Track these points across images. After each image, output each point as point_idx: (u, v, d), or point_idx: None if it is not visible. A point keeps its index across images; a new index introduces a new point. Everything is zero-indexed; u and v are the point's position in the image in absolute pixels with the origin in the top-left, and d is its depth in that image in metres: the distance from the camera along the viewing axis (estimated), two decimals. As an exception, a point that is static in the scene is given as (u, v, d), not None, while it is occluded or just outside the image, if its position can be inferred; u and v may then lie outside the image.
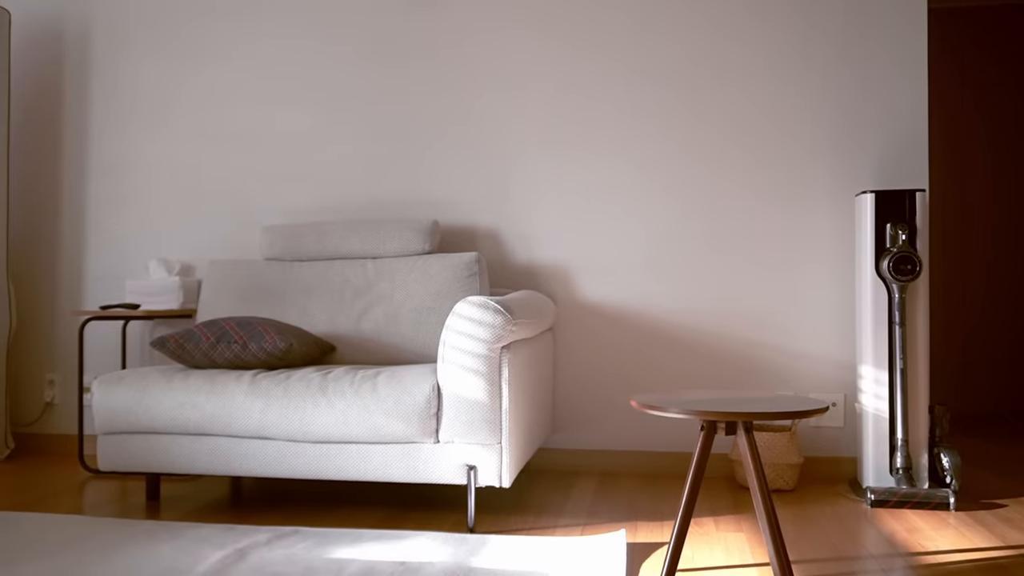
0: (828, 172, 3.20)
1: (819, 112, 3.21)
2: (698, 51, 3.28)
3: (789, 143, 3.23)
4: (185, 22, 3.67)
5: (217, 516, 2.66)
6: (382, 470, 2.51)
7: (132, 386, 2.66)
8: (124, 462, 2.69)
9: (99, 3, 3.74)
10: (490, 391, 2.43)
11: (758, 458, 1.90)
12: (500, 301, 2.47)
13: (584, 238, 3.35)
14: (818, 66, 3.21)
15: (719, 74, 3.27)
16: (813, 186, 3.21)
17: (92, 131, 3.74)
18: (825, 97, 3.21)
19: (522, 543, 2.31)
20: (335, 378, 2.55)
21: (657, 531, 2.47)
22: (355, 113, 3.52)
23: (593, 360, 3.34)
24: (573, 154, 3.36)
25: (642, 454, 3.29)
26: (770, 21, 3.24)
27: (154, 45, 3.69)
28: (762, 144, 3.24)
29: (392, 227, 3.20)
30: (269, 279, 3.21)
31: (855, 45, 3.19)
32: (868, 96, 3.18)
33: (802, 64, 3.22)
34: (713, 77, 3.27)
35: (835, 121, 3.20)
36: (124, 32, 3.72)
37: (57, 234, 3.76)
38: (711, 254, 3.27)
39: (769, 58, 3.24)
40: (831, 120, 3.20)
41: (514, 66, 3.41)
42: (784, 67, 3.23)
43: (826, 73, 3.21)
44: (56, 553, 2.20)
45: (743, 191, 3.25)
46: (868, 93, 3.18)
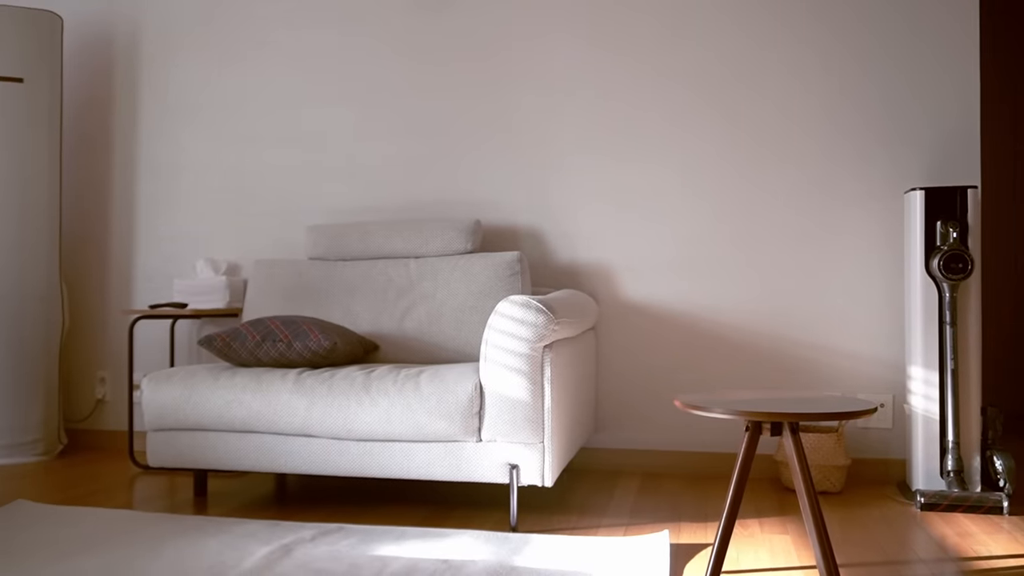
0: (876, 169, 3.15)
1: (867, 108, 3.15)
2: (740, 49, 3.25)
3: (835, 139, 3.18)
4: (231, 25, 3.72)
5: (263, 512, 2.70)
6: (425, 468, 2.52)
7: (180, 384, 2.71)
8: (172, 458, 2.74)
9: (147, 8, 3.81)
10: (532, 390, 2.43)
11: (804, 459, 1.87)
12: (542, 300, 2.47)
13: (627, 237, 3.33)
14: (865, 60, 3.15)
15: (762, 71, 3.23)
16: (861, 183, 3.16)
17: (141, 133, 3.81)
18: (873, 92, 3.15)
19: (565, 543, 2.30)
20: (378, 377, 2.57)
21: (701, 532, 2.45)
22: (398, 113, 3.54)
23: (636, 359, 3.32)
24: (616, 153, 3.34)
25: (686, 454, 3.26)
26: (815, 14, 3.19)
27: (201, 48, 3.75)
28: (808, 141, 3.20)
29: (434, 227, 3.21)
30: (313, 278, 3.25)
31: (904, 37, 3.13)
32: (917, 90, 3.12)
33: (849, 58, 3.17)
34: (756, 74, 3.24)
35: (883, 117, 3.14)
36: (172, 36, 3.78)
37: (107, 235, 3.84)
38: (756, 253, 3.23)
39: (815, 53, 3.19)
40: (879, 116, 3.14)
41: (556, 67, 3.40)
42: (830, 62, 3.18)
43: (874, 67, 3.15)
44: (107, 547, 2.25)
45: (789, 189, 3.21)
46: (917, 87, 3.11)
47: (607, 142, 3.35)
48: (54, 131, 3.59)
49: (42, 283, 3.54)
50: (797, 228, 3.20)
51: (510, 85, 3.44)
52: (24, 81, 3.51)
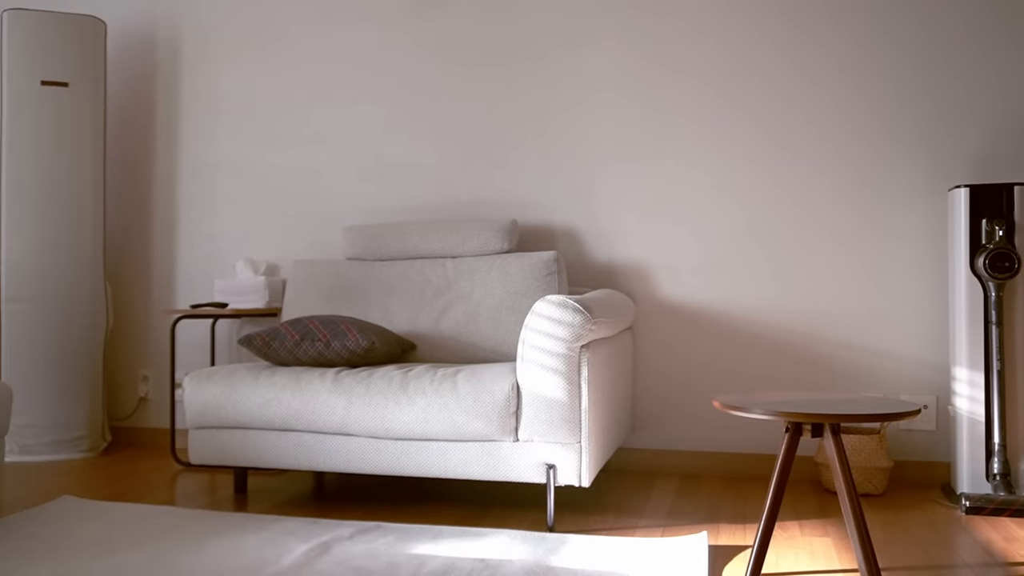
0: (919, 166, 3.09)
1: (910, 103, 3.10)
2: (779, 44, 3.21)
3: (877, 136, 3.13)
4: (269, 28, 3.76)
5: (302, 510, 2.72)
6: (462, 468, 2.53)
7: (221, 382, 2.75)
8: (213, 456, 2.78)
9: (188, 13, 3.87)
10: (569, 390, 2.43)
11: (846, 461, 1.85)
12: (579, 300, 2.46)
13: (664, 236, 3.31)
14: (908, 55, 3.10)
15: (801, 66, 3.19)
16: (903, 180, 3.11)
17: (182, 136, 3.87)
18: (916, 87, 3.10)
19: (602, 543, 2.30)
20: (416, 376, 2.58)
21: (740, 534, 2.43)
22: (436, 114, 3.55)
23: (673, 359, 3.30)
24: (653, 152, 3.33)
25: (724, 455, 3.23)
26: (860, 7, 3.14)
27: (240, 51, 3.80)
28: (847, 137, 3.15)
29: (471, 226, 3.22)
30: (351, 278, 3.27)
31: (947, 30, 3.07)
32: (962, 85, 3.06)
33: (891, 53, 3.12)
34: (795, 69, 3.20)
35: (927, 112, 3.09)
36: (212, 40, 3.83)
37: (150, 236, 3.91)
38: (796, 252, 3.19)
39: (855, 46, 3.14)
40: (923, 111, 3.09)
41: (592, 66, 3.39)
42: (871, 56, 3.13)
43: (916, 62, 3.10)
44: (150, 542, 2.28)
45: (828, 186, 3.17)
46: (962, 82, 3.06)
47: (644, 141, 3.33)
48: (98, 134, 3.66)
49: (87, 284, 3.60)
50: (838, 226, 3.16)
51: (546, 85, 3.43)
52: (69, 85, 3.58)
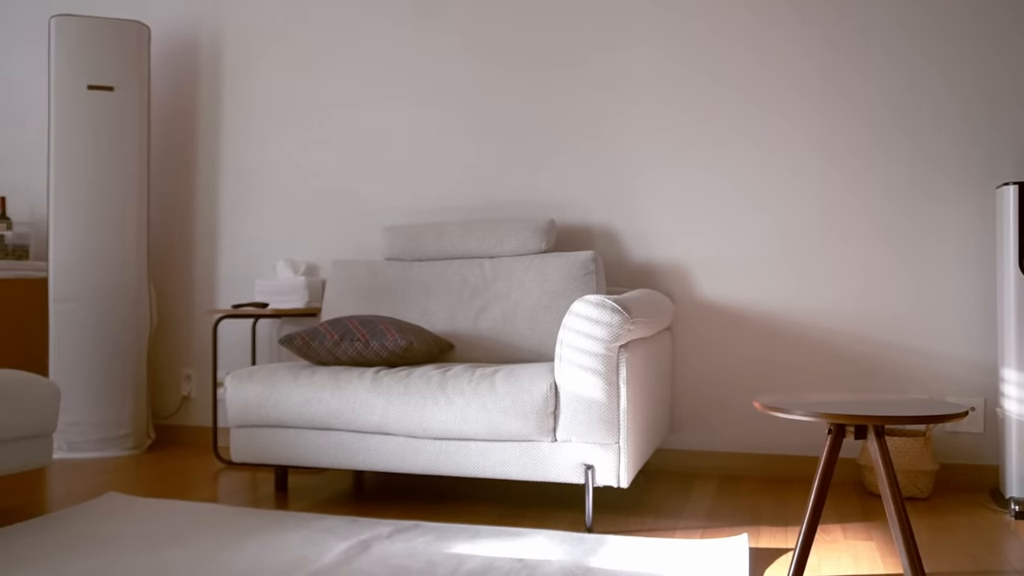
0: (965, 162, 3.03)
1: (958, 99, 3.04)
2: (821, 39, 3.16)
3: (922, 132, 3.07)
4: (308, 31, 3.80)
5: (341, 508, 2.75)
6: (500, 468, 2.53)
7: (262, 382, 2.78)
8: (254, 454, 2.81)
9: (230, 17, 3.92)
10: (608, 390, 2.42)
11: (890, 464, 1.81)
12: (618, 300, 2.45)
13: (703, 236, 3.28)
14: (956, 50, 3.04)
15: (841, 61, 3.14)
16: (949, 177, 3.05)
17: (224, 138, 3.92)
18: (963, 83, 3.03)
19: (641, 544, 2.28)
20: (454, 376, 2.58)
21: (781, 537, 2.40)
22: (473, 115, 3.56)
23: (713, 360, 3.27)
24: (691, 150, 3.30)
25: (764, 457, 3.20)
26: (908, 1, 3.09)
27: (280, 55, 3.84)
28: (892, 134, 3.10)
29: (509, 226, 3.22)
30: (390, 278, 3.29)
31: (996, 24, 3.00)
32: (1010, 80, 2.99)
33: (939, 47, 3.06)
34: (835, 64, 3.15)
35: (974, 108, 3.02)
36: (253, 43, 3.88)
37: (192, 238, 3.96)
38: (838, 251, 3.14)
39: (901, 39, 3.09)
40: (970, 107, 3.03)
41: (629, 64, 3.37)
42: (917, 50, 3.07)
43: (964, 57, 3.03)
44: (193, 539, 2.31)
45: (872, 185, 3.11)
46: (1010, 77, 2.99)
47: (684, 140, 3.31)
48: (142, 137, 3.72)
49: (132, 285, 3.67)
50: (881, 224, 3.10)
51: (585, 85, 3.42)
52: (115, 90, 3.64)
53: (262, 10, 3.87)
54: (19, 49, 4.24)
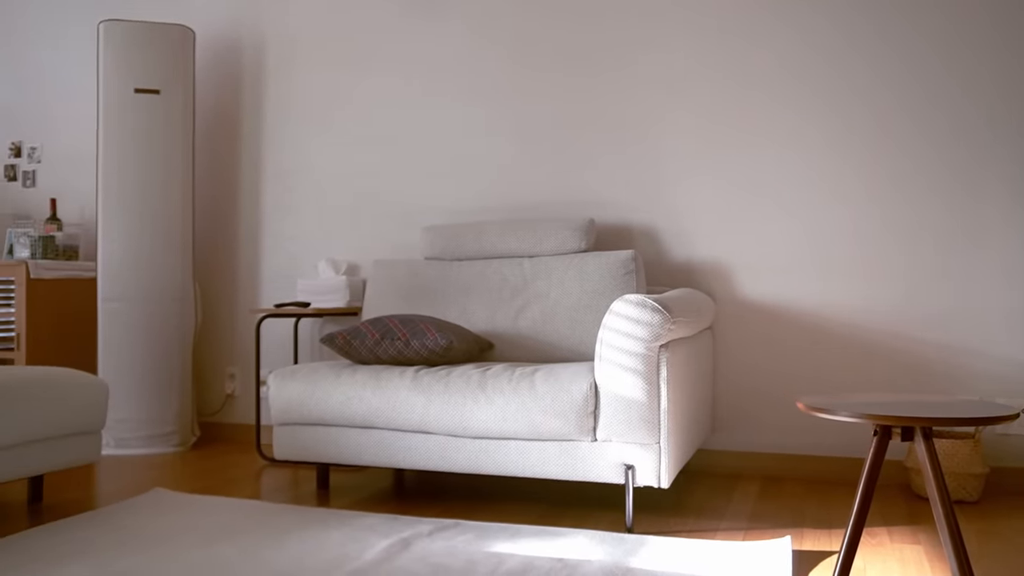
0: (1012, 160, 2.96)
1: (1004, 96, 2.97)
2: (865, 32, 3.11)
3: (973, 133, 3.00)
4: (348, 33, 3.83)
5: (382, 506, 2.76)
6: (540, 467, 2.53)
7: (304, 380, 2.81)
8: (297, 452, 2.84)
9: (272, 20, 3.96)
10: (648, 390, 2.40)
11: (939, 467, 1.78)
12: (658, 299, 2.44)
13: (745, 234, 3.25)
14: (1006, 44, 2.97)
15: (894, 57, 3.08)
16: (999, 178, 2.98)
17: (266, 139, 3.97)
18: (1013, 79, 2.96)
19: (682, 545, 2.27)
20: (494, 375, 2.59)
21: (825, 539, 2.36)
22: (512, 114, 3.56)
23: (755, 360, 3.23)
24: (732, 147, 3.27)
25: (808, 458, 3.15)
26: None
27: (321, 57, 3.87)
28: (941, 135, 3.03)
29: (548, 226, 3.22)
30: (430, 278, 3.30)
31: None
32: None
33: (989, 42, 2.99)
34: (882, 59, 3.09)
35: (1021, 105, 2.95)
36: (295, 46, 3.92)
37: (236, 238, 4.02)
38: (883, 249, 3.09)
39: (951, 34, 3.03)
40: (1017, 104, 2.95)
41: (668, 61, 3.35)
42: (966, 45, 3.01)
43: (1015, 52, 2.96)
44: (238, 535, 2.35)
45: (919, 184, 3.05)
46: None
47: (722, 137, 3.27)
48: (187, 140, 3.78)
49: (177, 284, 3.73)
50: (926, 223, 3.04)
51: (624, 84, 3.40)
52: (160, 93, 3.70)
53: (303, 13, 3.91)
54: (69, 54, 4.34)
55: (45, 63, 4.39)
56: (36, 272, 3.77)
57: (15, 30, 4.46)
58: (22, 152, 4.42)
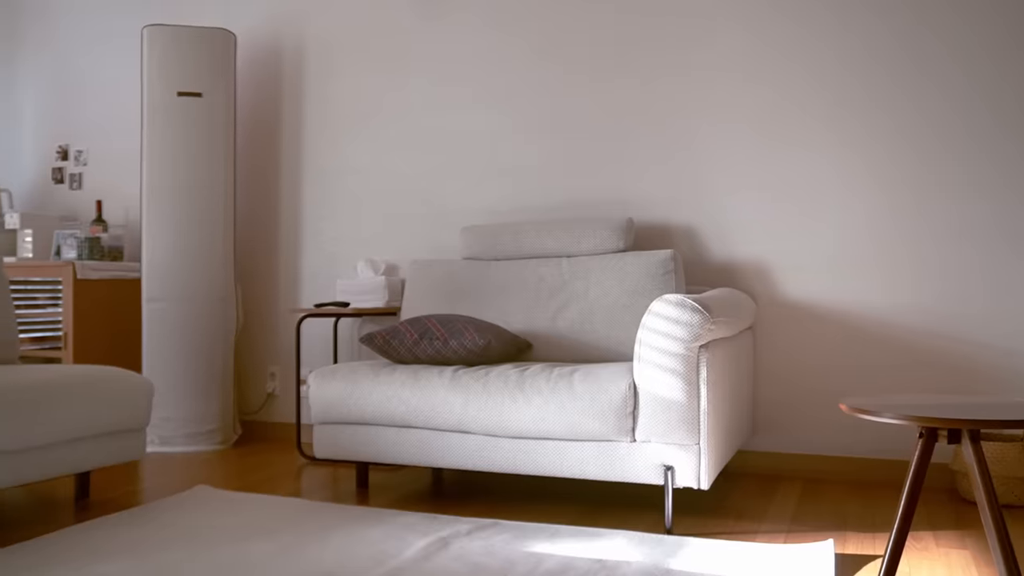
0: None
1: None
2: (910, 25, 3.06)
3: (1018, 124, 2.93)
4: (387, 34, 3.85)
5: (420, 505, 2.78)
6: (578, 467, 2.52)
7: (344, 379, 2.83)
8: (336, 450, 2.87)
9: (312, 23, 4.00)
10: (688, 391, 2.38)
11: (987, 470, 1.74)
12: (698, 299, 2.42)
13: (786, 234, 3.21)
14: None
15: (938, 51, 3.03)
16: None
17: (306, 141, 4.01)
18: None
19: (722, 547, 2.24)
20: (532, 375, 2.59)
21: (868, 543, 2.33)
22: (549, 113, 3.56)
23: (796, 360, 3.19)
24: (773, 145, 3.23)
25: (850, 460, 3.11)
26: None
27: (360, 58, 3.90)
28: (987, 130, 2.97)
29: (586, 226, 3.21)
30: (468, 278, 3.31)
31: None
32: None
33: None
34: (931, 55, 3.03)
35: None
36: (334, 48, 3.96)
37: (276, 238, 4.06)
38: (928, 247, 3.03)
39: (997, 29, 2.96)
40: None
41: (706, 58, 3.32)
42: (1015, 42, 2.94)
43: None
44: (278, 532, 2.37)
45: (964, 181, 2.99)
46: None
47: (764, 135, 3.24)
48: (229, 142, 3.84)
49: (219, 284, 3.78)
50: (971, 221, 2.98)
51: (661, 81, 3.38)
52: (203, 96, 3.76)
53: (342, 16, 3.94)
54: (114, 59, 4.42)
55: (91, 68, 4.47)
56: (83, 273, 3.85)
57: (62, 37, 4.55)
58: (69, 155, 4.52)
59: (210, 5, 4.20)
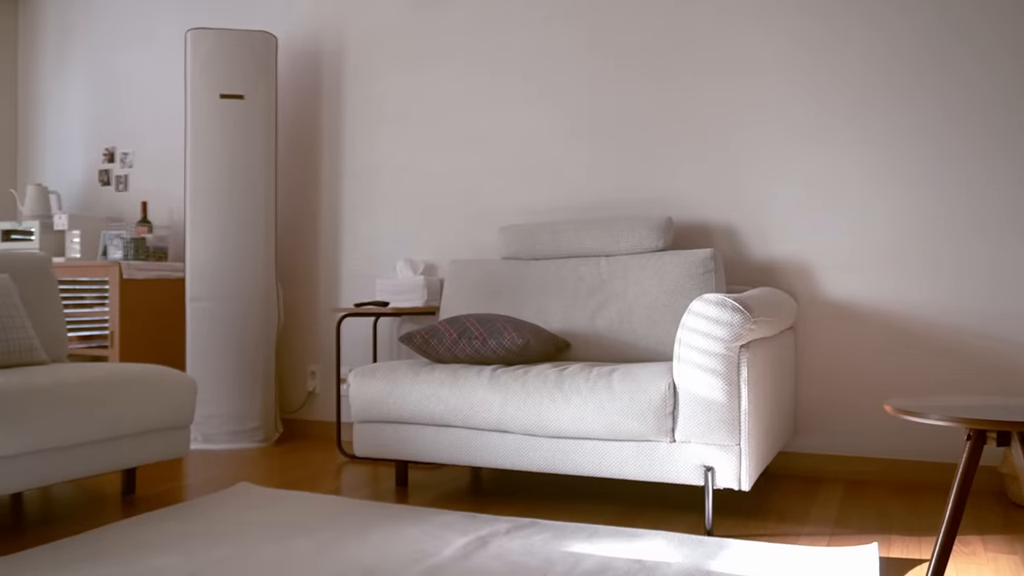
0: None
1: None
2: (959, 17, 3.00)
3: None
4: (425, 35, 3.87)
5: (459, 503, 2.79)
6: (617, 467, 2.51)
7: (383, 378, 2.85)
8: (376, 449, 2.89)
9: (352, 23, 4.03)
10: (728, 391, 2.36)
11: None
12: (738, 299, 2.39)
13: (827, 231, 3.17)
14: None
15: (988, 41, 2.96)
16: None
17: (345, 141, 4.04)
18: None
19: (763, 549, 2.22)
20: (571, 375, 2.58)
21: (914, 547, 2.29)
22: (589, 113, 3.55)
23: (839, 361, 3.15)
24: (813, 144, 3.19)
25: (894, 462, 3.06)
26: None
27: (399, 59, 3.92)
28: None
29: (625, 225, 3.20)
30: (506, 277, 3.32)
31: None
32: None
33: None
34: (982, 45, 2.97)
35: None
36: (374, 48, 3.98)
37: (316, 239, 4.10)
38: (974, 245, 2.97)
39: (1020, 19, 2.90)
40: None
41: (744, 55, 3.28)
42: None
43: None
44: (319, 529, 2.40)
45: (1009, 179, 2.93)
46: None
47: (805, 132, 3.20)
48: (270, 143, 3.88)
49: (261, 284, 3.83)
50: (1016, 219, 2.92)
51: (698, 78, 3.36)
52: (244, 98, 3.81)
53: (382, 16, 3.96)
54: (158, 63, 4.49)
55: (136, 72, 4.56)
56: (128, 273, 3.92)
57: (108, 43, 4.64)
58: (115, 157, 4.60)
59: (251, 8, 4.25)
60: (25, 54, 4.93)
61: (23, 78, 4.94)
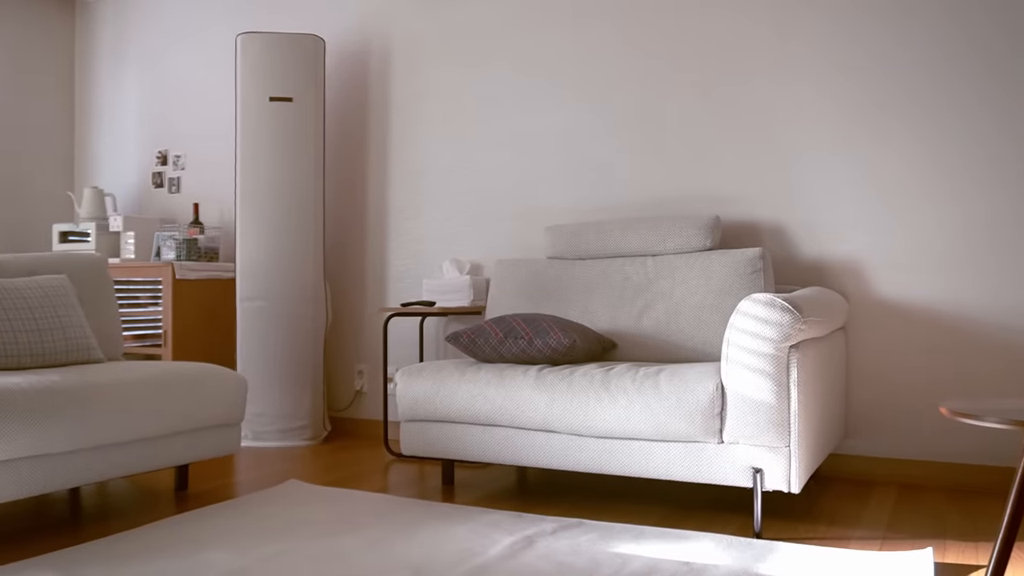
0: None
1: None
2: (996, 20, 2.92)
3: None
4: (471, 36, 3.88)
5: (505, 503, 2.79)
6: (664, 468, 2.49)
7: (430, 378, 2.86)
8: (423, 448, 2.90)
9: (399, 24, 4.07)
10: (777, 392, 2.33)
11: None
12: (788, 298, 2.36)
13: (879, 231, 3.11)
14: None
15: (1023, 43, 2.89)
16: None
17: (392, 142, 4.08)
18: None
19: (813, 553, 2.19)
20: (617, 375, 2.57)
21: (970, 553, 2.23)
22: (635, 112, 3.53)
23: (891, 362, 3.09)
24: (864, 141, 3.13)
25: (949, 466, 2.99)
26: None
27: (444, 60, 3.94)
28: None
29: (671, 224, 3.17)
30: (552, 277, 3.31)
31: None
32: None
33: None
34: (1014, 49, 2.90)
35: None
36: (420, 49, 4.01)
37: (364, 239, 4.14)
38: (1022, 245, 2.90)
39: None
40: None
41: (791, 51, 3.24)
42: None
43: None
44: (367, 527, 2.42)
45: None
46: None
47: (855, 128, 3.14)
48: (318, 145, 3.93)
49: (309, 284, 3.88)
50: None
51: (745, 74, 3.32)
52: (293, 100, 3.86)
53: (428, 18, 3.99)
54: (209, 67, 4.58)
55: (187, 77, 4.65)
56: (181, 273, 4.00)
57: (160, 48, 4.74)
58: (168, 160, 4.70)
59: (299, 12, 4.31)
60: (81, 60, 5.05)
61: (79, 83, 5.06)
